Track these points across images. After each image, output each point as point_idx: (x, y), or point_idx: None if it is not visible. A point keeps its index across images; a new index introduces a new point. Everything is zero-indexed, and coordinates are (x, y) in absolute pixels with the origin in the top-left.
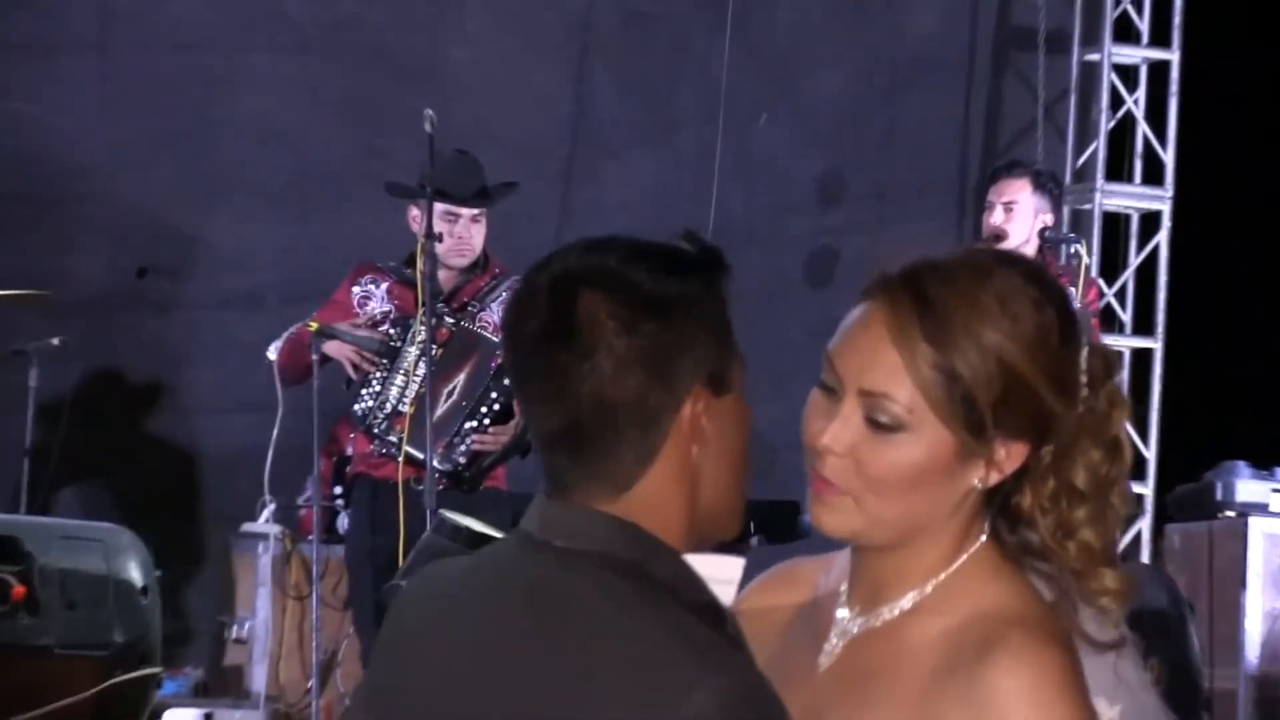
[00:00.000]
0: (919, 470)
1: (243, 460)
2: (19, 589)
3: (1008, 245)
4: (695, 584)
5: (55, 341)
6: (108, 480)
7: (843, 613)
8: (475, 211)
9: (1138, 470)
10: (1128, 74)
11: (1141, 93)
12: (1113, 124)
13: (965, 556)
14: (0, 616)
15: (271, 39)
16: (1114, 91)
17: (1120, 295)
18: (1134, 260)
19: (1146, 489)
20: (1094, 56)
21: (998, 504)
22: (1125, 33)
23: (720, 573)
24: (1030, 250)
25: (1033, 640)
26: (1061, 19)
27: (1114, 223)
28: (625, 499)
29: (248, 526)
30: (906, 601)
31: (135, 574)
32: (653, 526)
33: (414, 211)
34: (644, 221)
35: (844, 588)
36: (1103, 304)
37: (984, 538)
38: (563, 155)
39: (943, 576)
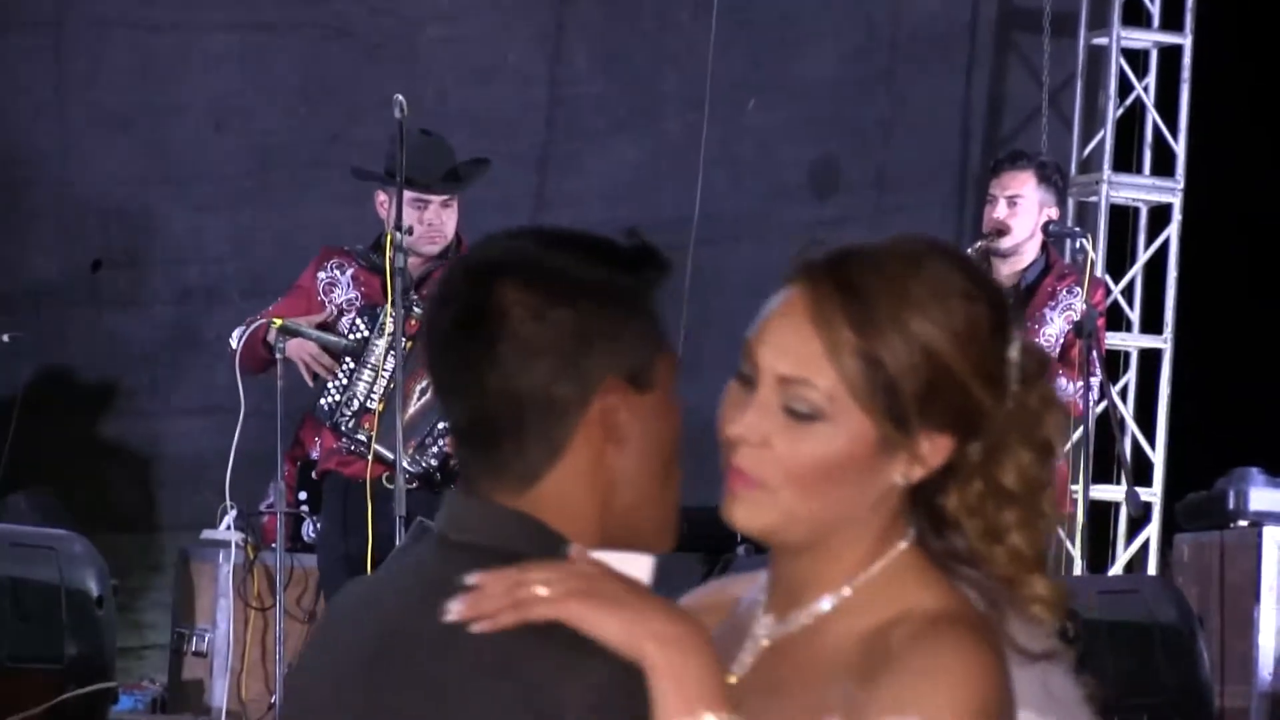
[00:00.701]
0: (838, 462)
1: (202, 464)
2: None
3: (1011, 240)
4: None
5: (5, 338)
6: (60, 485)
7: (758, 622)
8: (445, 196)
9: (1144, 477)
10: (1137, 59)
11: (1151, 79)
12: (1121, 112)
13: (887, 559)
14: None
15: (231, 17)
16: (1122, 77)
17: (1127, 292)
18: (1142, 255)
19: (1154, 496)
20: (1102, 40)
21: (923, 507)
22: (1135, 15)
23: (627, 571)
24: (1035, 245)
25: (959, 632)
26: (1068, 0)
27: (1121, 216)
28: (531, 494)
29: (208, 534)
30: (823, 605)
31: (90, 583)
32: (559, 525)
33: (381, 197)
34: (625, 210)
35: (762, 597)
36: (1109, 302)
37: (906, 542)
38: (539, 140)
39: (862, 579)
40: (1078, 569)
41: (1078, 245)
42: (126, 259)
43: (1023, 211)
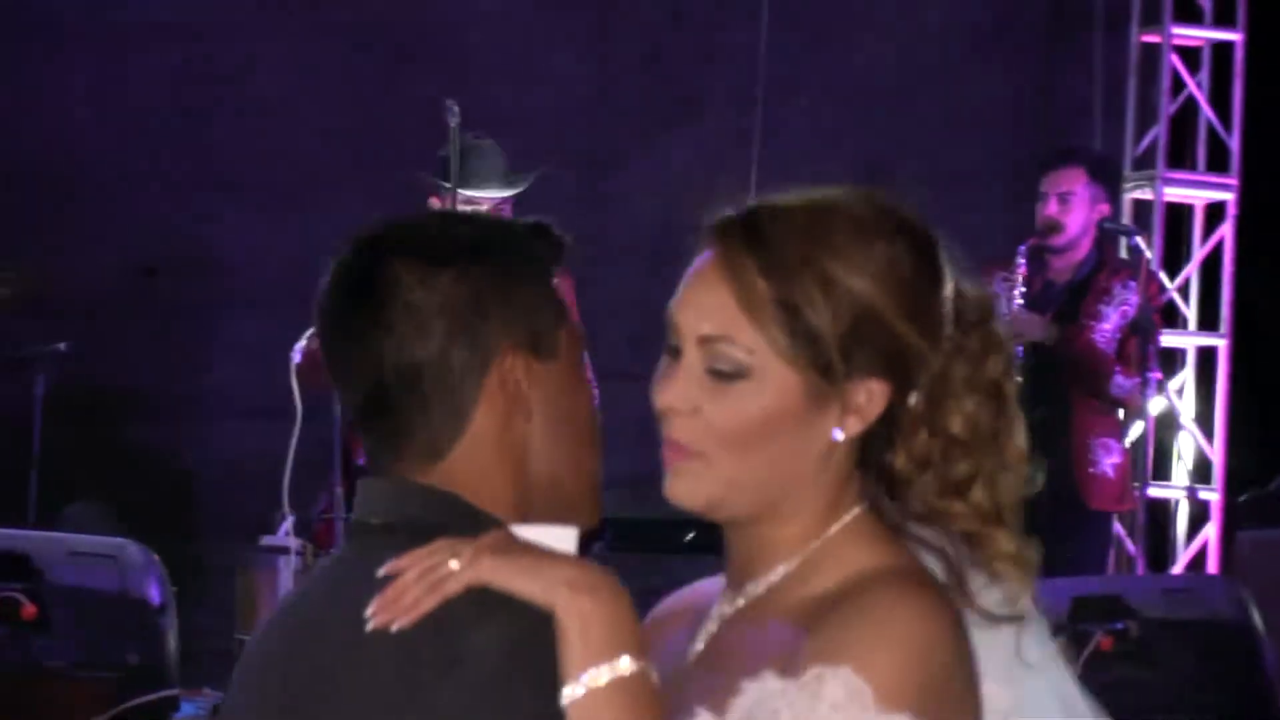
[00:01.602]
0: (768, 419)
1: (255, 470)
2: (29, 608)
3: (1064, 237)
4: None
5: (62, 347)
6: (115, 492)
7: (717, 602)
8: (497, 199)
9: (1203, 474)
10: (1190, 55)
11: (1205, 75)
12: (1174, 109)
13: (839, 525)
14: (10, 637)
15: (275, 20)
16: (1175, 74)
17: (1183, 290)
18: (1198, 252)
19: (1214, 494)
20: (1154, 37)
21: (875, 469)
22: (1187, 12)
23: (550, 543)
24: (1088, 241)
25: (902, 586)
26: None
27: (1176, 213)
28: (441, 468)
29: (267, 540)
30: (775, 575)
31: (150, 591)
32: (474, 498)
33: (435, 203)
34: (674, 211)
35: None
36: (1165, 299)
37: (859, 508)
38: (586, 141)
39: (813, 546)
40: (1139, 568)
41: (1133, 242)
42: (176, 265)
43: (1075, 208)
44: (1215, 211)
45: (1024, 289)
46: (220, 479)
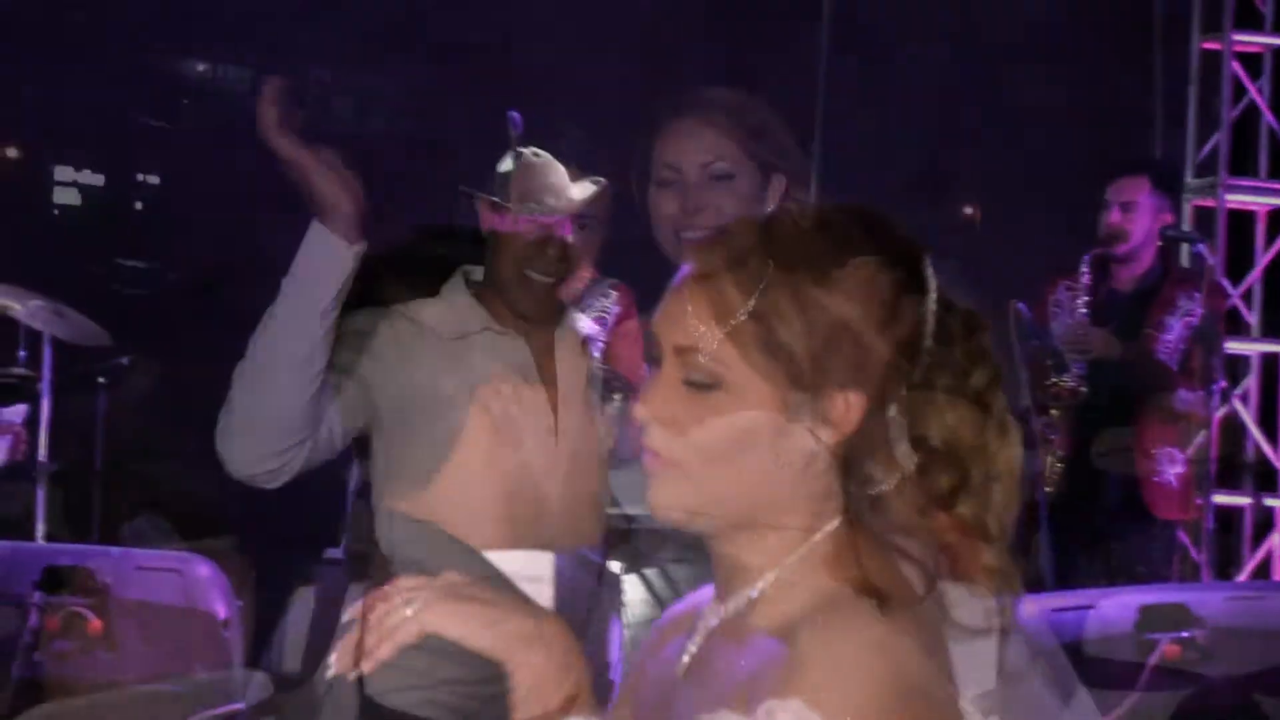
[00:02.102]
0: (742, 429)
1: (314, 481)
2: (95, 623)
3: (1127, 246)
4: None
5: (125, 361)
6: (181, 506)
7: (705, 614)
8: (554, 218)
9: (1268, 481)
10: (1251, 61)
11: (1266, 81)
12: (1236, 115)
13: (818, 538)
14: (75, 651)
15: (333, 37)
16: (1236, 80)
17: (1247, 297)
18: (1261, 259)
19: (1278, 500)
20: (1215, 44)
21: (856, 480)
22: (1248, 18)
23: (527, 569)
24: (1151, 250)
25: (860, 613)
26: (1179, 3)
27: (1239, 220)
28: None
29: (331, 553)
30: (754, 590)
31: (216, 605)
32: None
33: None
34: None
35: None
36: (1229, 306)
37: (839, 519)
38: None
39: (791, 560)
40: (1204, 576)
41: (1196, 249)
42: (238, 278)
43: (1138, 217)
44: (1278, 217)
45: (1088, 298)
46: (284, 491)
